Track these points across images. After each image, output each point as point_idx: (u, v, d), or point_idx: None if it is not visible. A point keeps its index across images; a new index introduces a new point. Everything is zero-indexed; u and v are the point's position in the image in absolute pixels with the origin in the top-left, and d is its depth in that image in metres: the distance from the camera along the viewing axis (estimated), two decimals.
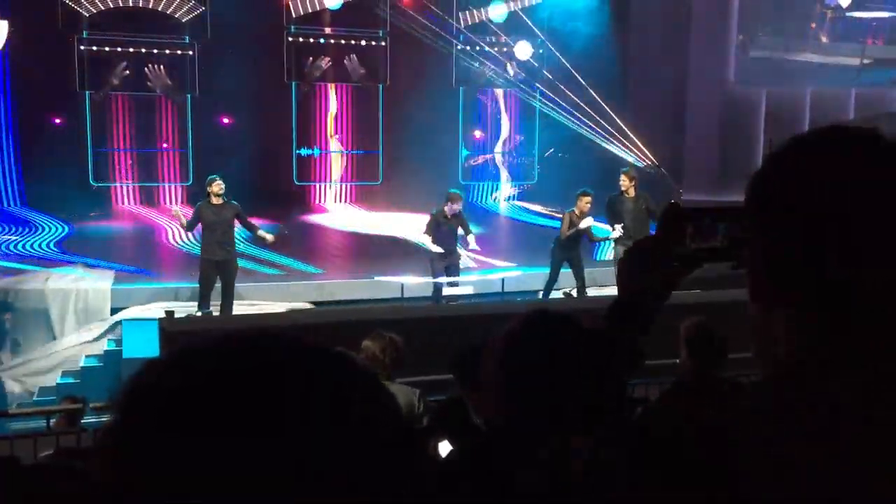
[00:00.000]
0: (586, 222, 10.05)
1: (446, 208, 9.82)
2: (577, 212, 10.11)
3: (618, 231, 10.00)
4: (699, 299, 7.11)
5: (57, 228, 13.52)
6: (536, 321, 1.64)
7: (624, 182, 10.25)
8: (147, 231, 14.12)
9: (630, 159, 16.00)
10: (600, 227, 10.45)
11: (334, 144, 17.07)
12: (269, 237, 9.71)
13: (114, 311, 9.80)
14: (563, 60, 16.53)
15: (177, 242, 12.93)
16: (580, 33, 16.43)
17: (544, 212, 15.44)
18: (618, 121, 16.91)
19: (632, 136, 17.03)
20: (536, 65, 17.22)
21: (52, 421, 6.02)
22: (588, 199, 10.11)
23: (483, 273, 11.00)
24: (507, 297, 10.41)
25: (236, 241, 9.86)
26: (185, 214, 10.00)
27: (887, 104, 18.63)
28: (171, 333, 6.98)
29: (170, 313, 8.45)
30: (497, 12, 17.07)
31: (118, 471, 0.58)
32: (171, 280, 10.78)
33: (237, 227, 9.70)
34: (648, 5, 16.68)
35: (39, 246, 12.58)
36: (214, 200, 9.39)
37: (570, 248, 10.17)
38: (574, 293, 10.33)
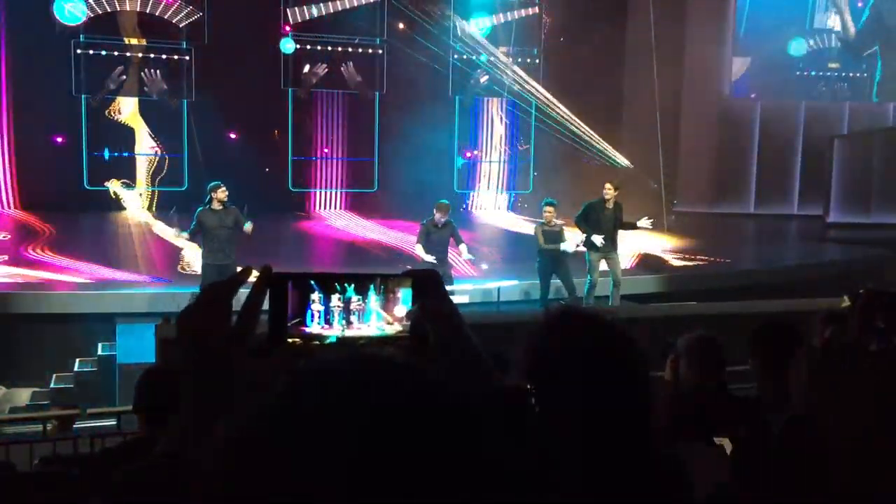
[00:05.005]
0: (568, 245, 10.03)
1: (435, 218, 9.89)
2: (545, 222, 10.17)
3: (599, 240, 9.98)
4: (693, 311, 7.12)
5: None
6: (557, 320, 1.47)
7: (609, 192, 10.14)
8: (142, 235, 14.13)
9: (628, 169, 16.05)
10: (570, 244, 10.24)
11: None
12: (248, 228, 9.32)
13: (112, 315, 9.71)
14: (559, 70, 16.59)
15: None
16: (577, 44, 16.50)
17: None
18: (613, 132, 16.99)
19: (627, 147, 17.11)
20: (532, 74, 17.28)
21: (48, 426, 5.98)
22: (551, 209, 10.15)
23: (478, 283, 10.96)
24: (502, 308, 10.37)
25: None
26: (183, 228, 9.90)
27: (880, 119, 18.75)
28: (168, 339, 6.94)
29: (167, 318, 8.38)
30: (492, 22, 17.12)
31: None
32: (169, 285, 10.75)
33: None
34: (644, 16, 16.75)
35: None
36: (217, 206, 9.35)
37: (555, 259, 10.09)
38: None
